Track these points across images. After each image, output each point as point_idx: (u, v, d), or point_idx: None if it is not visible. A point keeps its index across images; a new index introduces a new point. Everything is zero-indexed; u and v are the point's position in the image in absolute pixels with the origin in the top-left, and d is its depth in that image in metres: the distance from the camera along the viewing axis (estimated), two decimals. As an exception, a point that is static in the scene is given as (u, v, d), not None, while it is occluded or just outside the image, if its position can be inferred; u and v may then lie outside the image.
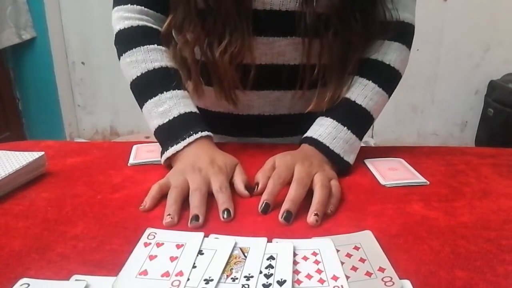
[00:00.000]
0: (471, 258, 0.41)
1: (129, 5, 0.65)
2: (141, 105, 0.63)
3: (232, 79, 0.64)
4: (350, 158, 0.61)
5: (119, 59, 0.66)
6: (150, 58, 0.63)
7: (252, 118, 0.72)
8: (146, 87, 0.63)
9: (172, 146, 0.58)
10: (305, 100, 0.69)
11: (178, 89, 0.62)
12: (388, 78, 0.66)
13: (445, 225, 0.46)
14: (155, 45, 0.64)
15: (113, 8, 0.67)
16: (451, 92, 2.41)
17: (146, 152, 0.65)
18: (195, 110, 0.62)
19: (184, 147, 0.57)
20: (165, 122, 0.60)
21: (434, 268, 0.39)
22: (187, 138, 0.58)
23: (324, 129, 0.61)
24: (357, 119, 0.63)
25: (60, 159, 0.63)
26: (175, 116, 0.60)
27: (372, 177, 0.58)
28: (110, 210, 0.49)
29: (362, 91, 0.63)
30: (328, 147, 0.59)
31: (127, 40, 0.65)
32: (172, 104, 0.60)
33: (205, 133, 0.59)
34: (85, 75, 2.54)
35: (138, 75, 0.63)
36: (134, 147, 0.67)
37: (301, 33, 0.62)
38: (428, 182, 0.56)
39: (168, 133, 0.60)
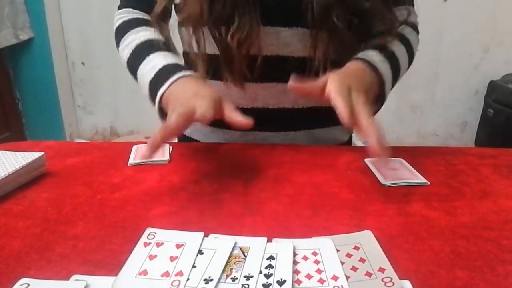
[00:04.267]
0: (471, 258, 0.41)
1: (124, 9, 0.74)
2: (136, 77, 0.67)
3: (240, 64, 0.64)
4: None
5: (118, 51, 0.72)
6: (138, 36, 0.68)
7: (256, 111, 0.72)
8: (136, 58, 0.67)
9: (159, 90, 0.60)
10: None
11: (164, 51, 0.66)
12: (410, 53, 0.71)
13: (445, 225, 0.46)
14: (144, 27, 0.69)
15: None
16: (451, 92, 2.41)
17: (146, 152, 0.65)
18: (179, 62, 0.65)
19: (169, 86, 0.60)
20: (152, 76, 0.63)
21: (434, 268, 0.39)
22: (170, 79, 0.60)
23: (374, 55, 0.64)
24: (395, 65, 0.67)
25: (60, 159, 0.63)
26: (160, 67, 0.63)
27: (372, 177, 0.58)
28: (110, 210, 0.49)
29: (398, 48, 0.68)
30: (378, 69, 0.63)
31: (120, 32, 0.71)
32: (157, 61, 0.64)
33: (187, 72, 0.61)
34: (85, 75, 2.54)
35: (130, 52, 0.68)
36: (134, 147, 0.67)
37: (308, 24, 0.62)
38: (429, 182, 0.56)
39: (156, 83, 0.62)
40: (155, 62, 0.64)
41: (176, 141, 0.82)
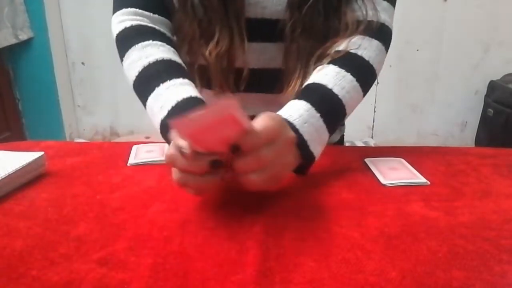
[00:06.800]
0: (468, 257, 0.41)
1: (124, 9, 0.65)
2: (145, 106, 0.59)
3: (221, 80, 0.65)
4: (317, 150, 0.53)
5: (122, 65, 0.64)
6: (145, 54, 0.60)
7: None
8: (144, 85, 0.59)
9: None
10: None
11: (177, 78, 0.57)
12: (366, 75, 0.61)
13: (445, 225, 0.46)
14: (150, 41, 0.61)
15: (112, 15, 0.68)
16: (451, 92, 2.41)
17: (146, 152, 0.65)
18: (195, 94, 0.56)
19: None
20: (165, 115, 0.54)
21: (431, 268, 0.39)
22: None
23: (295, 110, 0.54)
24: (332, 110, 0.57)
25: (60, 159, 0.63)
26: (173, 105, 0.54)
27: (372, 176, 0.58)
28: (110, 210, 0.49)
29: (339, 81, 0.57)
30: (297, 129, 0.52)
31: (123, 42, 0.63)
32: (169, 94, 0.55)
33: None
34: (85, 76, 2.54)
35: (136, 75, 0.60)
36: (134, 147, 0.67)
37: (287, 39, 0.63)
38: (429, 182, 0.56)
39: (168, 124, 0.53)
40: (165, 97, 0.55)
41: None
